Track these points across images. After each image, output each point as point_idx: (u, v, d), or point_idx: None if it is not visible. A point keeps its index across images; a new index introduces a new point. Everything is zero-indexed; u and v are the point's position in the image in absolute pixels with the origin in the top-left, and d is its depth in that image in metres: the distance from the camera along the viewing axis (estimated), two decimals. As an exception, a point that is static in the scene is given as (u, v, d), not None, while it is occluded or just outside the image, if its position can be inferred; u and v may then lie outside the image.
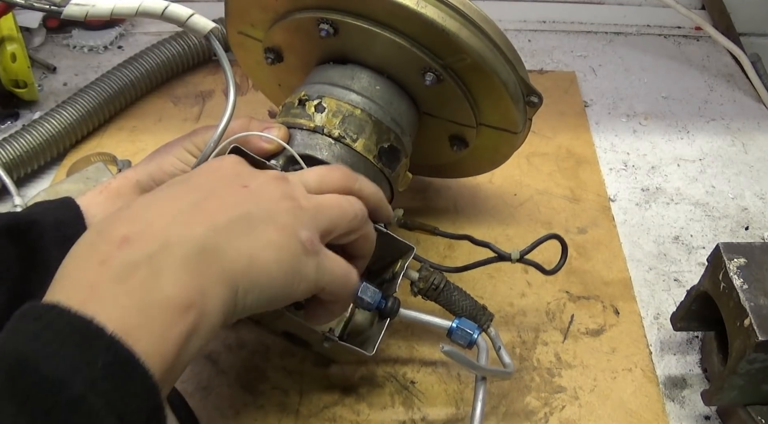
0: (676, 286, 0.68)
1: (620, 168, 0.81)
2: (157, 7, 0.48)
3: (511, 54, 0.55)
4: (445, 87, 0.56)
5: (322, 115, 0.54)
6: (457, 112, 0.59)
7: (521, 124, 0.59)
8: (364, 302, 0.49)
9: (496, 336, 0.54)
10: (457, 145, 0.62)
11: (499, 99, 0.56)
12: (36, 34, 0.97)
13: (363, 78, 0.57)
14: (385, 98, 0.57)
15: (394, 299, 0.50)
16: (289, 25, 0.57)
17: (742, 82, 0.95)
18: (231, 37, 0.66)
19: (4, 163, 0.73)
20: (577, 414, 0.56)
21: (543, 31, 1.04)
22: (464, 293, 0.54)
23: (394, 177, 0.57)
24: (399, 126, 0.57)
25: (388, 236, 0.52)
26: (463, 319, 0.51)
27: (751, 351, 0.48)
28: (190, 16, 0.49)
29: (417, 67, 0.55)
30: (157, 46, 0.87)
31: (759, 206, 0.77)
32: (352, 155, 0.54)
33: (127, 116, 0.85)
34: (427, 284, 0.53)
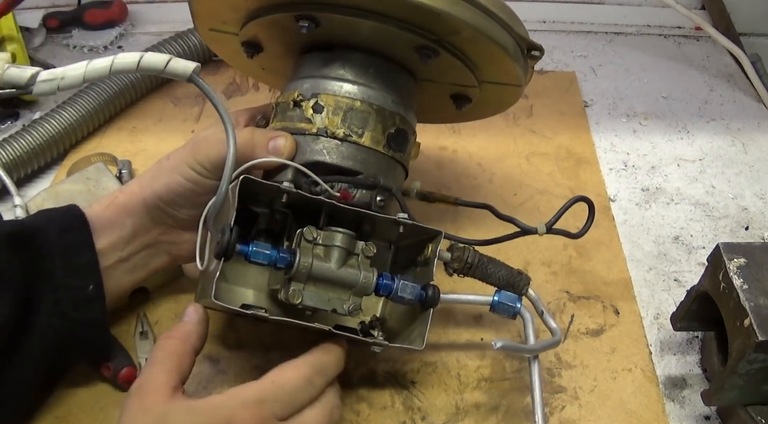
0: (676, 286, 0.68)
1: (620, 168, 0.81)
2: (131, 62, 0.45)
3: (505, 15, 0.52)
4: (442, 59, 0.53)
5: (322, 116, 0.53)
6: (457, 76, 0.57)
7: (524, 77, 0.58)
8: (405, 300, 0.50)
9: (537, 299, 0.54)
10: (461, 104, 0.61)
11: (500, 61, 0.54)
12: (36, 34, 0.97)
13: (354, 63, 0.54)
14: (382, 80, 0.55)
15: (432, 287, 0.50)
16: (265, 22, 0.55)
17: (742, 82, 0.95)
18: (202, 33, 0.64)
19: (4, 163, 0.73)
20: (577, 414, 0.56)
21: (543, 31, 1.04)
22: (498, 262, 0.54)
23: (405, 157, 0.56)
24: (401, 105, 0.55)
25: (414, 225, 0.51)
26: (503, 292, 0.52)
27: (751, 351, 0.48)
28: (167, 62, 0.46)
29: (410, 45, 0.52)
30: (158, 46, 0.87)
31: (759, 206, 0.77)
32: (361, 152, 0.53)
33: (128, 117, 0.85)
34: (461, 263, 0.53)
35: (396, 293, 0.50)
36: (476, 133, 0.84)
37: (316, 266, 0.48)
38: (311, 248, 0.49)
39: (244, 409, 0.43)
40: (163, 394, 0.44)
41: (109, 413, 0.55)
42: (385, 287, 0.50)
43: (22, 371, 0.50)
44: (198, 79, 0.48)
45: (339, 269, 0.49)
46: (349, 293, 0.49)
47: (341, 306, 0.49)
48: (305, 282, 0.48)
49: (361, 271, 0.49)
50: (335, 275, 0.49)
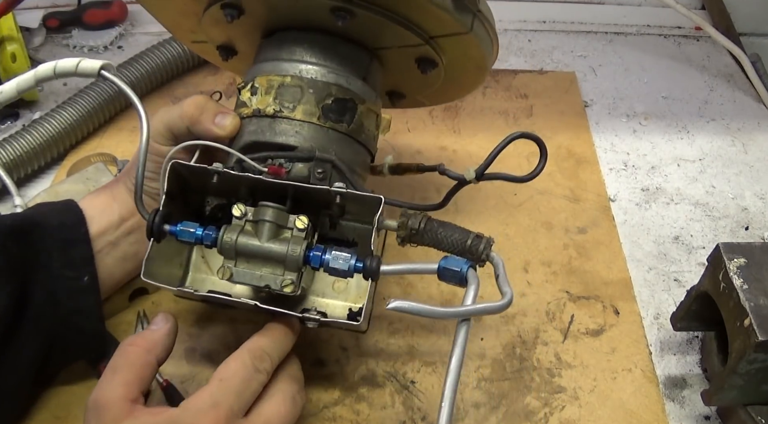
0: (676, 286, 0.68)
1: (620, 168, 0.81)
2: (48, 70, 0.52)
3: None
4: (366, 19, 0.52)
5: (257, 97, 0.53)
6: (398, 36, 0.55)
7: (465, 22, 0.53)
8: (339, 271, 0.48)
9: (499, 263, 0.49)
10: (426, 67, 0.58)
11: (420, 7, 0.51)
12: (36, 34, 0.97)
13: (288, 41, 0.55)
14: (317, 53, 0.54)
15: (372, 258, 0.48)
16: (209, 21, 0.56)
17: (742, 82, 0.95)
18: (190, 47, 0.66)
19: (4, 163, 0.73)
20: (577, 414, 0.56)
21: (543, 31, 1.04)
22: (452, 226, 0.50)
23: (355, 129, 0.54)
24: (341, 76, 0.54)
25: (350, 194, 0.49)
26: (450, 257, 0.48)
27: (751, 351, 0.48)
28: (78, 64, 0.51)
29: (325, 11, 0.51)
30: (158, 46, 0.87)
31: (759, 206, 0.77)
32: (294, 125, 0.52)
33: (128, 117, 0.85)
34: (407, 230, 0.50)
35: (327, 264, 0.48)
36: (476, 133, 0.84)
37: (242, 241, 0.48)
38: (242, 224, 0.48)
39: (203, 415, 0.42)
40: (121, 409, 0.42)
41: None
42: (315, 259, 0.48)
43: (17, 362, 0.50)
44: (107, 74, 0.51)
45: (266, 243, 0.48)
46: (282, 268, 0.48)
47: (274, 282, 0.48)
48: (235, 258, 0.48)
49: (290, 244, 0.48)
50: (262, 249, 0.48)
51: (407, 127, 0.84)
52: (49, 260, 0.51)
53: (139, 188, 0.49)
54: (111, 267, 0.55)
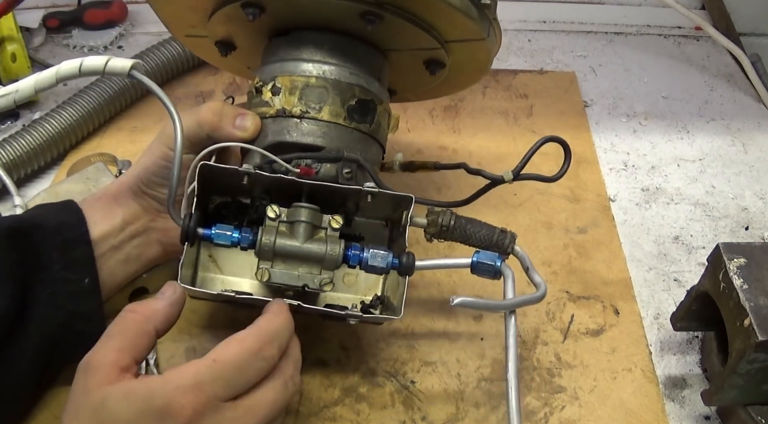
0: (676, 286, 0.68)
1: (620, 168, 0.81)
2: (73, 68, 0.50)
3: None
4: (391, 22, 0.53)
5: (280, 97, 0.53)
6: (417, 40, 0.56)
7: (485, 30, 0.55)
8: (377, 269, 0.49)
9: (524, 256, 0.52)
10: (434, 69, 0.60)
11: (449, 15, 0.53)
12: (36, 34, 0.97)
13: (308, 42, 0.55)
14: (337, 54, 0.55)
15: (407, 254, 0.50)
16: (220, 17, 0.56)
17: (742, 82, 0.95)
18: (182, 41, 0.66)
19: (4, 163, 0.72)
20: (577, 414, 0.56)
21: (543, 31, 1.04)
22: (478, 223, 0.53)
23: (375, 128, 0.56)
24: (361, 77, 0.55)
25: (382, 194, 0.51)
26: (482, 252, 0.51)
27: (751, 351, 0.48)
28: (106, 63, 0.50)
29: (354, 13, 0.52)
30: (158, 46, 0.87)
31: (759, 206, 0.77)
32: (321, 126, 0.53)
33: (128, 117, 0.85)
34: (437, 227, 0.52)
35: (366, 262, 0.49)
36: (476, 133, 0.84)
37: (280, 242, 0.48)
38: (276, 225, 0.49)
39: (182, 394, 0.40)
40: (108, 375, 0.41)
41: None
42: (354, 258, 0.49)
43: (18, 364, 0.50)
44: (137, 74, 0.51)
45: (304, 244, 0.49)
46: (319, 267, 0.49)
47: (312, 281, 0.49)
48: (272, 260, 0.49)
49: (328, 243, 0.49)
50: (301, 250, 0.49)
51: (407, 127, 0.84)
52: (49, 261, 0.51)
53: (173, 192, 0.49)
54: (113, 269, 0.55)
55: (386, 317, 0.51)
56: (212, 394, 0.40)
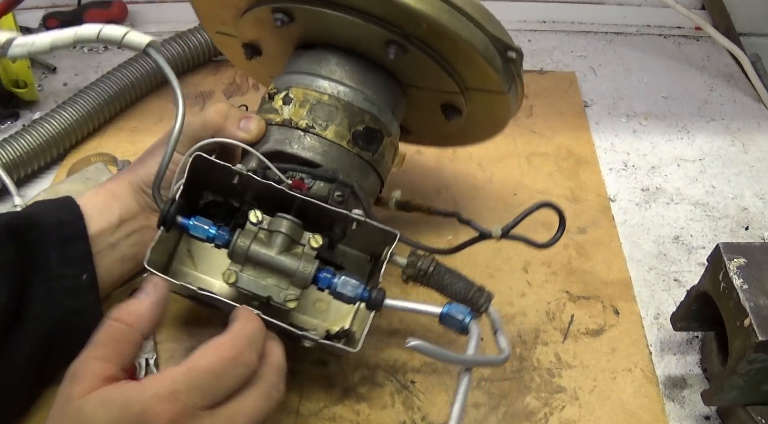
0: (676, 286, 0.68)
1: (620, 168, 0.81)
2: (92, 32, 0.49)
3: (475, 11, 0.51)
4: (414, 56, 0.53)
5: (289, 107, 0.53)
6: (437, 80, 0.56)
7: (506, 83, 0.55)
8: (345, 297, 0.48)
9: (497, 319, 0.50)
10: (450, 114, 0.60)
11: (472, 60, 0.53)
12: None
13: (330, 61, 0.55)
14: (356, 78, 0.55)
15: (378, 289, 0.48)
16: (251, 19, 0.57)
17: (742, 82, 0.95)
18: (212, 37, 0.66)
19: (4, 163, 0.72)
20: (577, 414, 0.56)
21: (543, 31, 1.04)
22: (458, 275, 0.51)
23: (377, 159, 0.55)
24: (375, 105, 0.55)
25: (368, 224, 0.50)
26: (454, 304, 0.49)
27: (751, 351, 0.48)
28: (124, 35, 0.49)
29: (379, 41, 0.52)
30: (157, 46, 0.87)
31: (759, 206, 0.77)
32: (323, 144, 0.53)
33: (128, 117, 0.85)
34: (415, 270, 0.50)
35: (336, 288, 0.48)
36: (476, 133, 0.84)
37: (255, 248, 0.47)
38: (255, 231, 0.48)
39: (157, 402, 0.39)
40: (92, 384, 0.40)
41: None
42: (324, 280, 0.48)
43: (16, 361, 0.50)
44: (152, 51, 0.50)
45: (278, 255, 0.48)
46: (288, 282, 0.48)
47: (278, 295, 0.48)
48: (243, 264, 0.48)
49: (302, 260, 0.48)
50: (273, 260, 0.48)
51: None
52: (47, 258, 0.51)
53: (162, 174, 0.49)
54: (110, 267, 0.55)
55: (342, 348, 0.48)
56: (189, 402, 0.39)
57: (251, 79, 0.91)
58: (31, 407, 0.55)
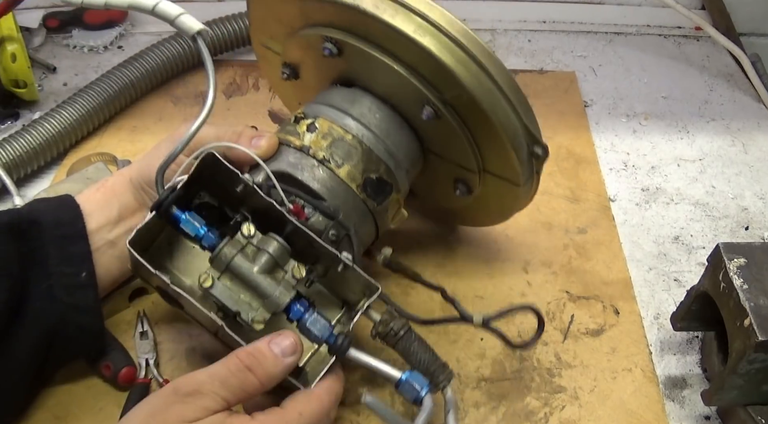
0: (676, 286, 0.68)
1: (620, 168, 0.81)
2: (148, 4, 0.49)
3: (516, 98, 0.52)
4: (445, 124, 0.54)
5: (312, 135, 0.53)
6: (459, 153, 0.56)
7: (524, 177, 0.55)
8: (312, 335, 0.47)
9: (451, 400, 0.49)
10: (461, 190, 0.60)
11: (499, 144, 0.53)
12: (36, 34, 0.97)
13: (364, 104, 0.56)
14: (383, 128, 0.55)
15: (345, 336, 0.47)
16: (301, 41, 0.57)
17: (742, 82, 0.95)
18: (255, 48, 0.66)
19: (4, 163, 0.72)
20: (577, 414, 0.56)
21: (543, 31, 1.04)
22: (426, 345, 0.50)
23: (380, 211, 0.55)
24: (393, 159, 0.55)
25: (354, 270, 0.49)
26: (416, 373, 0.48)
27: (751, 351, 0.48)
28: (179, 15, 0.49)
29: (417, 99, 0.53)
30: (157, 46, 0.87)
31: (759, 206, 0.77)
32: (334, 181, 0.52)
33: (127, 116, 0.85)
34: (386, 329, 0.50)
35: (305, 324, 0.47)
36: (476, 133, 0.84)
37: (238, 260, 0.47)
38: (244, 244, 0.48)
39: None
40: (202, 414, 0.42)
41: (108, 413, 0.55)
42: (297, 312, 0.47)
43: (17, 358, 0.50)
44: (200, 40, 0.49)
45: (259, 274, 0.47)
46: (260, 303, 0.47)
47: (246, 313, 0.47)
48: (223, 272, 0.47)
49: (280, 286, 0.47)
50: (253, 278, 0.47)
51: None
52: (46, 256, 0.51)
53: (172, 159, 0.48)
54: (108, 265, 0.55)
55: (293, 382, 0.47)
56: None
57: (251, 79, 0.91)
58: (31, 408, 0.55)
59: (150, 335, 0.60)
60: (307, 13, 0.55)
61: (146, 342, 0.59)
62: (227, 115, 0.85)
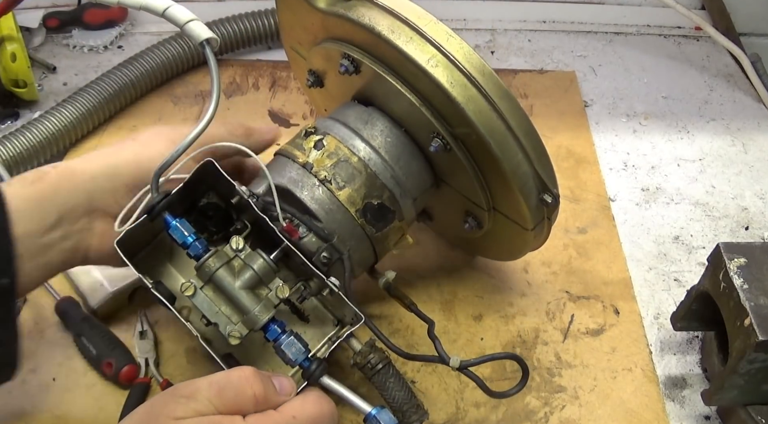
0: (676, 286, 0.68)
1: (620, 168, 0.81)
2: (159, 7, 0.49)
3: (529, 142, 0.49)
4: (455, 158, 0.52)
5: (317, 153, 0.52)
6: (470, 190, 0.55)
7: (533, 221, 0.53)
8: (286, 357, 0.47)
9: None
10: (470, 224, 0.58)
11: (508, 187, 0.51)
12: (36, 34, 0.97)
13: (377, 126, 0.54)
14: (394, 153, 0.53)
15: (320, 362, 0.47)
16: (322, 51, 0.56)
17: (742, 82, 0.95)
18: (286, 49, 0.66)
19: (4, 160, 0.72)
20: (577, 414, 0.56)
21: (543, 31, 1.04)
22: (403, 383, 0.49)
23: (379, 237, 0.54)
24: (400, 187, 0.54)
25: (339, 296, 0.48)
26: (386, 410, 0.46)
27: (751, 351, 0.48)
28: (188, 21, 0.48)
29: (427, 129, 0.52)
30: (157, 46, 0.87)
31: (759, 206, 0.77)
32: (333, 203, 0.51)
33: (127, 115, 0.85)
34: (364, 360, 0.49)
35: (280, 346, 0.46)
36: (476, 133, 0.84)
37: (222, 274, 0.46)
38: (230, 256, 0.47)
39: None
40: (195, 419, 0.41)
41: (109, 413, 0.55)
42: (273, 332, 0.46)
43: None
44: (208, 48, 0.48)
45: (241, 290, 0.46)
46: (240, 319, 0.46)
47: (224, 326, 0.46)
48: (205, 283, 0.47)
49: (261, 304, 0.46)
50: (234, 292, 0.46)
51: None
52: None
53: (172, 161, 0.46)
54: (29, 273, 0.46)
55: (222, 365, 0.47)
56: None
57: (251, 79, 0.91)
58: (31, 408, 0.55)
59: (150, 334, 0.60)
60: (327, 27, 0.54)
61: (146, 341, 0.59)
62: (227, 114, 0.85)
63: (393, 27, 0.49)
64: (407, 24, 0.48)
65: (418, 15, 0.49)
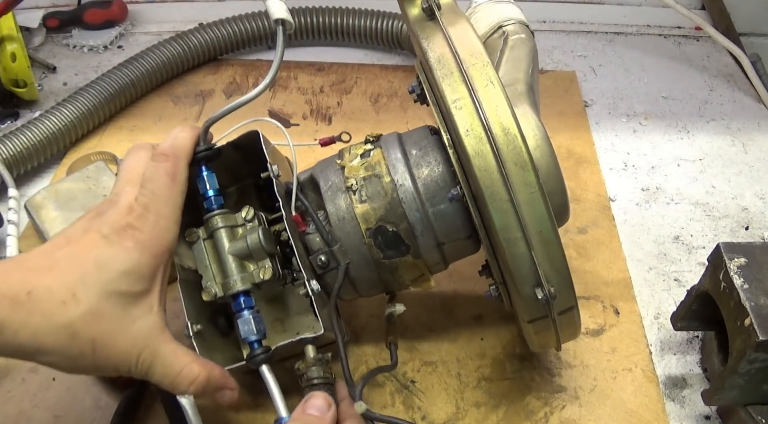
0: (676, 286, 0.68)
1: (620, 168, 0.81)
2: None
3: (536, 227, 0.43)
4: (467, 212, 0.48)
5: (357, 161, 0.51)
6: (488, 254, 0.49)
7: (528, 314, 0.47)
8: (238, 331, 0.48)
9: None
10: (491, 293, 0.51)
11: (506, 267, 0.45)
12: (36, 34, 0.97)
13: (429, 156, 0.50)
14: (431, 188, 0.49)
15: (267, 350, 0.48)
16: (417, 65, 0.53)
17: (742, 82, 0.95)
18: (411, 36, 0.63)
19: (4, 159, 0.72)
20: (577, 414, 0.56)
21: (543, 31, 1.04)
22: None
23: (386, 265, 0.51)
24: (423, 223, 0.49)
25: (311, 305, 0.49)
26: None
27: (751, 351, 0.48)
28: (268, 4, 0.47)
29: (454, 174, 0.47)
30: (157, 46, 0.87)
31: (759, 206, 0.77)
32: (348, 213, 0.50)
33: (128, 115, 0.85)
34: (303, 369, 0.49)
35: (237, 319, 0.48)
36: (476, 133, 0.84)
37: (221, 233, 0.48)
38: (238, 223, 0.49)
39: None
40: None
41: (108, 413, 0.55)
42: (238, 305, 0.48)
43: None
44: (280, 28, 0.47)
45: (229, 255, 0.48)
46: (221, 281, 0.48)
47: (206, 281, 0.48)
48: (208, 237, 0.49)
49: (241, 274, 0.48)
50: (224, 255, 0.48)
51: (407, 127, 0.83)
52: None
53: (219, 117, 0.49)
54: None
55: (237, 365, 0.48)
56: None
57: (251, 79, 0.91)
58: (31, 408, 0.55)
59: (150, 334, 0.59)
60: (412, 46, 0.53)
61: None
62: (227, 114, 0.86)
63: (443, 57, 0.45)
64: (455, 58, 0.44)
65: (472, 52, 0.44)
